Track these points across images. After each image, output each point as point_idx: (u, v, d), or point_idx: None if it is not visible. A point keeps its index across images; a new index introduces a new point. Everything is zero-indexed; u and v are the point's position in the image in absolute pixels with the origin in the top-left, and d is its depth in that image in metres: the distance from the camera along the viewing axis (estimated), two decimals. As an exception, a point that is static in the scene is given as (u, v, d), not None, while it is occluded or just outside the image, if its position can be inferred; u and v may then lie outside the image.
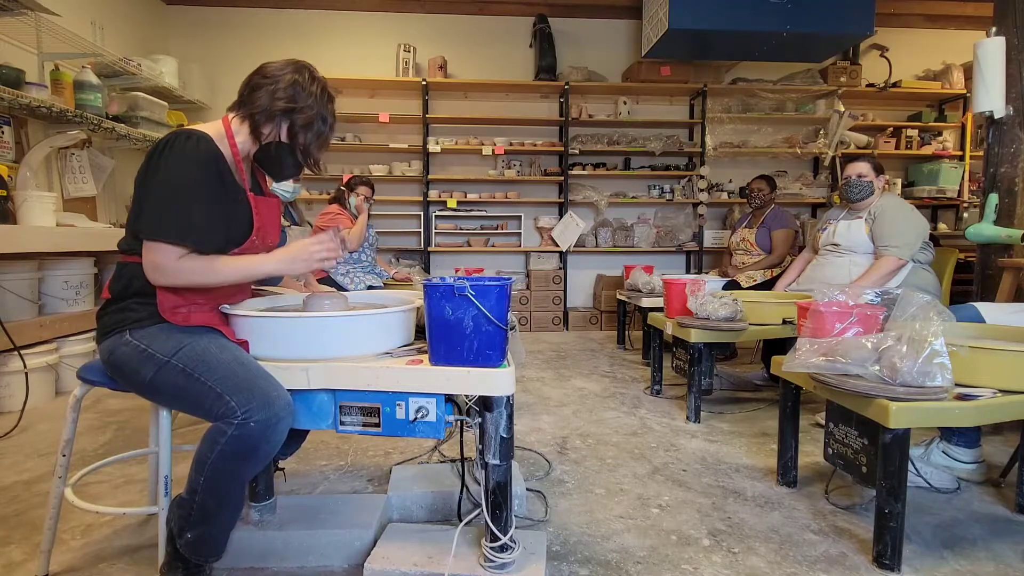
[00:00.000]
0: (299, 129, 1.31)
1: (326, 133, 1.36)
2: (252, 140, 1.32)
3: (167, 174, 1.18)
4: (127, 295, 1.25)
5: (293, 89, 1.29)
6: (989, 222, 2.54)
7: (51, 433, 2.36)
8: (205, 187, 1.22)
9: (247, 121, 1.30)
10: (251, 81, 1.31)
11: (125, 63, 3.66)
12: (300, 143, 1.33)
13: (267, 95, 1.28)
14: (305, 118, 1.31)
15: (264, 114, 1.28)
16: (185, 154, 1.20)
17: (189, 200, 1.19)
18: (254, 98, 1.29)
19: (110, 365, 1.24)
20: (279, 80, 1.29)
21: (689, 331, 2.38)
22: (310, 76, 1.33)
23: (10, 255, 2.64)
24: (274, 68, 1.31)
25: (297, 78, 1.30)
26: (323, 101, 1.34)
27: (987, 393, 1.37)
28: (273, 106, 1.28)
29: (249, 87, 1.31)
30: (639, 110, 5.20)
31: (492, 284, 1.16)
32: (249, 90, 1.30)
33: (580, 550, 1.46)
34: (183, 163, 1.19)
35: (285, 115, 1.29)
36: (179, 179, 1.18)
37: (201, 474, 1.14)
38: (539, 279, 4.92)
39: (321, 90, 1.34)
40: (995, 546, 1.49)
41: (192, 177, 1.20)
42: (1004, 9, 2.64)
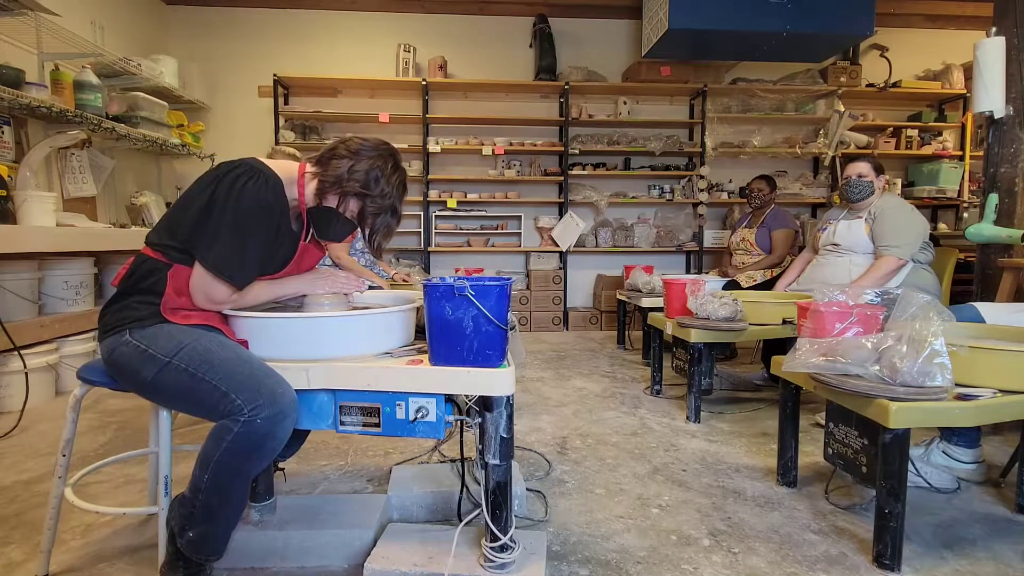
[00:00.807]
0: (368, 215, 1.34)
1: (393, 225, 1.39)
2: (315, 198, 1.34)
3: (237, 213, 1.21)
4: (133, 291, 1.25)
5: (372, 175, 1.31)
6: (989, 222, 2.54)
7: (51, 433, 2.36)
8: (266, 235, 1.27)
9: (317, 181, 1.33)
10: (335, 148, 1.33)
11: (125, 63, 3.66)
12: (367, 227, 1.37)
13: (343, 168, 1.30)
14: (377, 207, 1.33)
15: (333, 186, 1.31)
16: (258, 197, 1.23)
17: (252, 247, 1.24)
18: (331, 165, 1.31)
19: (110, 364, 1.24)
20: (360, 159, 1.31)
21: (689, 331, 2.38)
22: (393, 166, 1.35)
23: (10, 255, 2.64)
24: (358, 145, 1.33)
25: (380, 164, 1.32)
26: (399, 193, 1.36)
27: (987, 393, 1.37)
28: (344, 185, 1.30)
29: (331, 152, 1.33)
30: (639, 110, 5.20)
31: (492, 284, 1.16)
32: (330, 155, 1.33)
33: (580, 550, 1.46)
34: (254, 207, 1.23)
35: (357, 197, 1.32)
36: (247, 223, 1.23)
37: (205, 472, 1.14)
38: (539, 279, 4.93)
39: (399, 183, 1.36)
40: (995, 546, 1.49)
41: (263, 226, 1.26)
42: (1004, 9, 2.64)
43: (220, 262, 1.22)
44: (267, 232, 1.28)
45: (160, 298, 1.23)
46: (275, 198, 1.27)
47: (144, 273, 1.25)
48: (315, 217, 1.38)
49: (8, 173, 2.82)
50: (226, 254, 1.22)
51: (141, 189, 4.16)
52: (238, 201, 1.21)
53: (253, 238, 1.24)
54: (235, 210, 1.21)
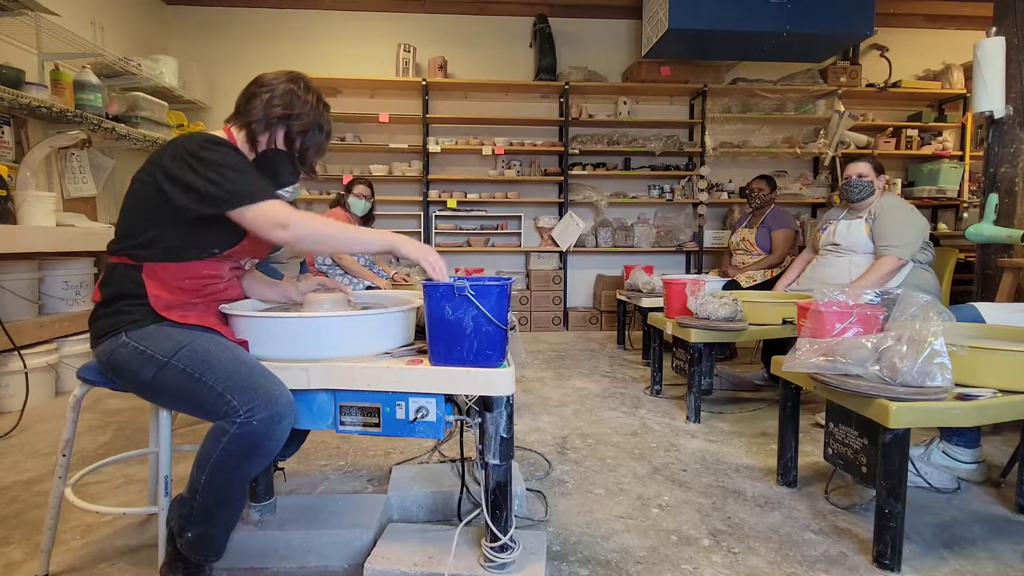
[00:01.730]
0: (296, 136, 1.35)
1: (322, 140, 1.39)
2: (249, 148, 1.34)
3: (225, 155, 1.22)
4: (117, 297, 1.24)
5: (289, 97, 1.32)
6: (989, 222, 2.54)
7: (51, 433, 2.36)
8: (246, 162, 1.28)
9: (244, 130, 1.33)
10: (247, 91, 1.35)
11: (125, 63, 3.66)
12: (297, 149, 1.36)
13: (263, 103, 1.31)
14: (301, 125, 1.34)
15: (261, 122, 1.32)
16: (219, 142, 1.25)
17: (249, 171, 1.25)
18: (250, 107, 1.32)
19: (109, 367, 1.23)
20: (275, 89, 1.32)
21: (689, 331, 2.38)
22: (305, 86, 1.36)
23: (10, 255, 2.64)
24: (269, 78, 1.35)
25: (292, 87, 1.34)
26: (319, 109, 1.37)
27: (987, 393, 1.37)
28: (269, 114, 1.31)
29: (245, 97, 1.34)
30: (639, 110, 5.20)
31: (492, 284, 1.16)
32: (245, 100, 1.34)
33: (580, 550, 1.46)
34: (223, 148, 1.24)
35: (281, 122, 1.32)
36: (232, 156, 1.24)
37: (203, 473, 1.14)
38: (539, 279, 4.93)
39: (316, 99, 1.37)
40: (995, 546, 1.49)
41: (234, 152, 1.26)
42: (1004, 9, 2.64)
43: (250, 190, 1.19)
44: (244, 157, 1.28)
45: (146, 299, 1.21)
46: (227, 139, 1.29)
47: (120, 279, 1.24)
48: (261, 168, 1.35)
49: (8, 173, 2.82)
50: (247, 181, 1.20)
51: (141, 189, 4.15)
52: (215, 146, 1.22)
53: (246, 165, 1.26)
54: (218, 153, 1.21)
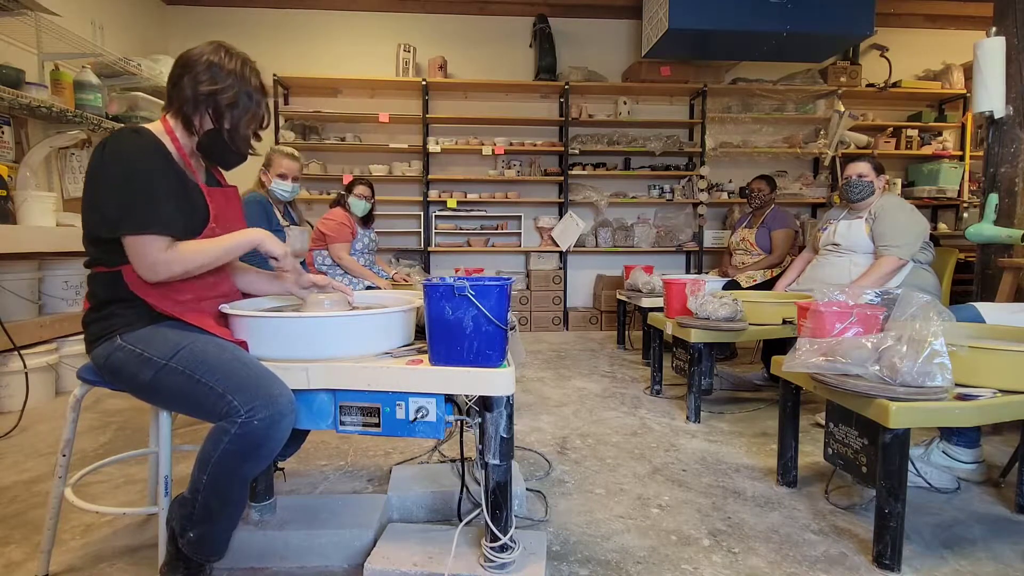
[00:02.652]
0: (224, 110, 1.27)
1: (253, 108, 1.31)
2: (188, 134, 1.30)
3: (127, 168, 1.17)
4: (108, 302, 1.23)
5: (211, 71, 1.25)
6: (989, 222, 2.54)
7: (51, 433, 2.36)
8: (163, 173, 1.21)
9: (179, 117, 1.28)
10: (172, 74, 1.28)
11: (125, 63, 3.66)
12: (227, 124, 1.29)
13: (189, 83, 1.25)
14: (228, 97, 1.26)
15: (190, 104, 1.26)
16: (136, 146, 1.19)
17: (154, 189, 1.18)
18: (178, 90, 1.26)
19: (106, 370, 1.23)
20: (196, 64, 1.26)
21: (689, 331, 2.38)
22: (226, 53, 1.28)
23: (10, 255, 2.64)
24: (192, 54, 1.27)
25: (212, 59, 1.26)
26: (244, 75, 1.29)
27: (987, 393, 1.37)
28: (197, 95, 1.25)
29: (172, 81, 1.28)
30: (639, 110, 5.20)
31: (492, 284, 1.16)
32: (172, 84, 1.28)
33: (580, 550, 1.46)
34: (136, 155, 1.18)
35: (208, 99, 1.26)
36: (141, 171, 1.17)
37: (204, 473, 1.14)
38: (539, 279, 4.93)
39: (241, 64, 1.29)
40: (995, 546, 1.49)
41: (151, 168, 1.19)
42: (1004, 9, 2.64)
43: (131, 219, 1.15)
44: (161, 172, 1.20)
45: (136, 301, 1.20)
46: (152, 139, 1.22)
47: (103, 286, 1.23)
48: (206, 152, 1.32)
49: (8, 173, 2.82)
50: (131, 208, 1.15)
51: (141, 189, 4.15)
52: (121, 160, 1.17)
53: (151, 181, 1.18)
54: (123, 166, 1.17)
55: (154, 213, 1.17)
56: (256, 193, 2.68)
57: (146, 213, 1.16)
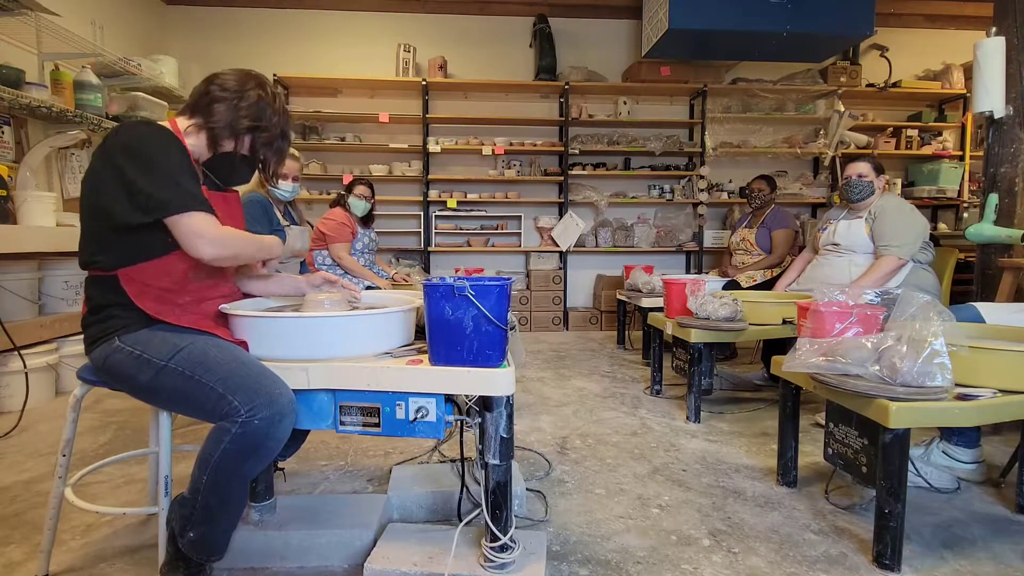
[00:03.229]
0: (261, 146, 1.33)
1: (285, 149, 1.40)
2: (209, 149, 1.31)
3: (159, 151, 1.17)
4: (106, 305, 1.23)
5: (258, 107, 1.30)
6: (989, 222, 2.54)
7: (51, 433, 2.36)
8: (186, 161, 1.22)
9: (204, 132, 1.29)
10: (208, 92, 1.29)
11: (125, 63, 3.66)
12: (261, 158, 1.35)
13: (230, 111, 1.28)
14: (269, 136, 1.33)
15: (227, 130, 1.29)
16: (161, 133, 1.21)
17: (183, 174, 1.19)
18: (213, 111, 1.28)
19: (105, 372, 1.23)
20: (243, 97, 1.28)
21: (689, 331, 2.38)
22: (272, 93, 1.34)
23: (10, 255, 2.64)
24: (234, 82, 1.30)
25: (261, 94, 1.31)
26: (285, 118, 1.36)
27: (987, 393, 1.37)
28: (238, 124, 1.28)
29: (208, 98, 1.29)
30: (639, 110, 5.20)
31: (492, 284, 1.16)
32: (208, 101, 1.29)
33: (580, 550, 1.46)
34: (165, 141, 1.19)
35: (248, 132, 1.31)
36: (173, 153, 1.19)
37: (204, 473, 1.14)
38: (539, 279, 4.93)
39: (283, 108, 1.36)
40: (995, 546, 1.49)
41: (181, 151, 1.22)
42: (1004, 9, 2.64)
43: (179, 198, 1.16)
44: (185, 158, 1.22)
45: (133, 305, 1.20)
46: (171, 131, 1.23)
47: (101, 290, 1.23)
48: (215, 167, 1.33)
49: (8, 173, 2.82)
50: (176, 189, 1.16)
51: (141, 189, 4.15)
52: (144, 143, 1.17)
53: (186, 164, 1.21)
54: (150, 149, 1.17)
55: (197, 194, 1.20)
56: (256, 193, 2.68)
57: (196, 192, 1.19)
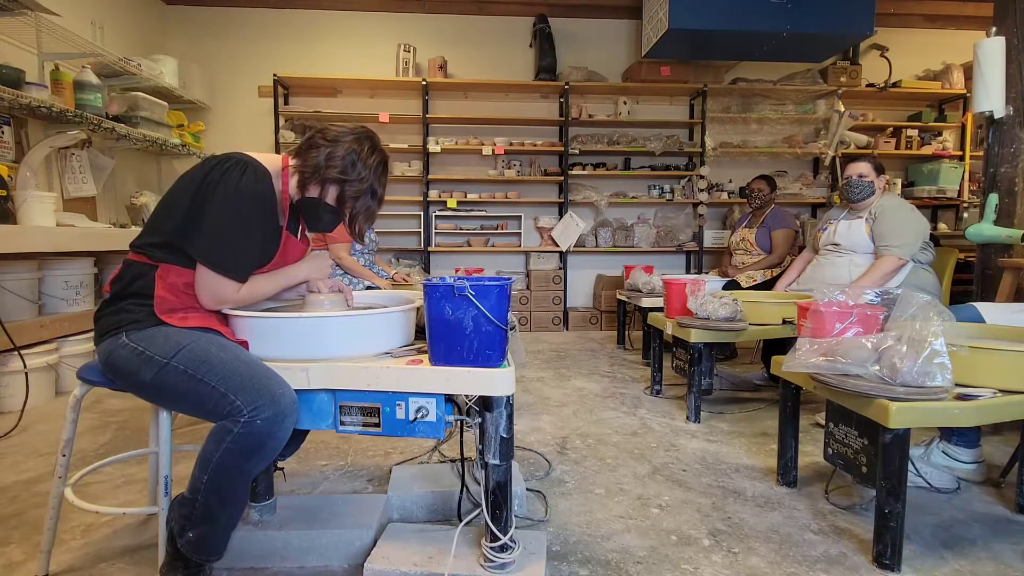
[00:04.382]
0: (348, 199, 1.34)
1: (374, 208, 1.38)
2: (297, 192, 1.35)
3: (232, 205, 1.21)
4: (126, 295, 1.25)
5: (348, 159, 1.31)
6: (989, 222, 2.54)
7: (51, 433, 2.36)
8: (259, 229, 1.27)
9: (297, 174, 1.33)
10: (312, 138, 1.34)
11: (125, 63, 3.66)
12: (347, 211, 1.36)
13: (322, 157, 1.30)
14: (356, 191, 1.33)
15: (314, 175, 1.31)
16: (251, 188, 1.23)
17: (247, 238, 1.24)
18: (310, 156, 1.32)
19: (108, 367, 1.23)
20: (337, 146, 1.31)
21: (689, 331, 2.38)
22: (370, 148, 1.35)
23: (10, 255, 2.64)
24: (337, 132, 1.33)
25: (356, 148, 1.32)
26: (377, 175, 1.36)
27: (987, 393, 1.37)
28: (325, 173, 1.31)
29: (308, 143, 1.34)
30: (639, 110, 5.20)
31: (492, 284, 1.16)
32: (308, 146, 1.33)
33: (580, 550, 1.46)
34: (248, 198, 1.23)
35: (335, 183, 1.32)
36: (243, 215, 1.23)
37: (205, 472, 1.14)
38: (539, 279, 4.93)
39: (378, 163, 1.36)
40: (995, 546, 1.49)
41: (255, 217, 1.25)
42: (1004, 9, 2.64)
43: (223, 259, 1.21)
44: (263, 224, 1.28)
45: (152, 299, 1.22)
46: (266, 188, 1.27)
47: (132, 277, 1.25)
48: (303, 209, 1.38)
49: (8, 173, 2.82)
50: (227, 250, 1.21)
51: (141, 189, 4.15)
52: (233, 194, 1.21)
53: (251, 231, 1.25)
54: (230, 204, 1.21)
55: (242, 260, 1.24)
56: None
57: (236, 258, 1.23)
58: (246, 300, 1.29)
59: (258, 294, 1.31)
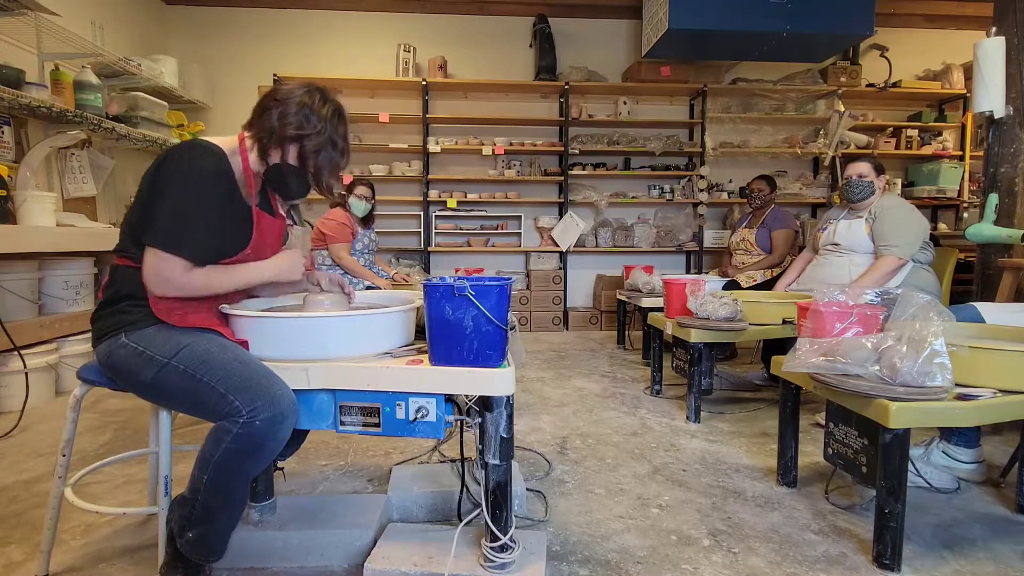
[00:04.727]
0: (309, 154, 1.30)
1: (337, 159, 1.34)
2: (260, 161, 1.32)
3: (182, 187, 1.18)
4: (119, 298, 1.24)
5: (302, 113, 1.27)
6: (989, 222, 2.54)
7: (51, 433, 2.36)
8: (215, 205, 1.23)
9: (255, 142, 1.30)
10: (263, 101, 1.31)
11: (125, 63, 3.66)
12: (311, 168, 1.31)
13: (275, 118, 1.27)
14: (315, 144, 1.29)
15: (272, 138, 1.28)
16: (202, 169, 1.21)
17: (199, 218, 1.20)
18: (263, 120, 1.28)
19: (108, 368, 1.24)
20: (288, 103, 1.27)
21: (689, 331, 2.38)
22: (321, 98, 1.31)
23: (10, 255, 2.64)
24: (285, 90, 1.30)
25: (307, 100, 1.28)
26: (334, 125, 1.31)
27: (987, 393, 1.37)
28: (281, 132, 1.27)
29: (260, 108, 1.30)
30: (639, 110, 5.20)
31: (492, 284, 1.16)
32: (260, 111, 1.30)
33: (580, 550, 1.46)
34: (198, 178, 1.20)
35: (293, 141, 1.28)
36: (193, 194, 1.19)
37: (205, 473, 1.14)
38: (539, 279, 4.93)
39: (332, 113, 1.32)
40: (995, 546, 1.49)
41: (205, 194, 1.21)
42: (1004, 9, 2.64)
43: (165, 236, 1.17)
44: (220, 201, 1.23)
45: (147, 300, 1.21)
46: (217, 163, 1.23)
47: (121, 281, 1.24)
48: (270, 181, 1.34)
49: (8, 173, 2.82)
50: (170, 226, 1.17)
51: (141, 189, 4.15)
52: (182, 177, 1.18)
53: (202, 208, 1.20)
54: (179, 184, 1.18)
55: (188, 238, 1.19)
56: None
57: (181, 235, 1.18)
58: (197, 287, 1.21)
59: (214, 284, 1.24)
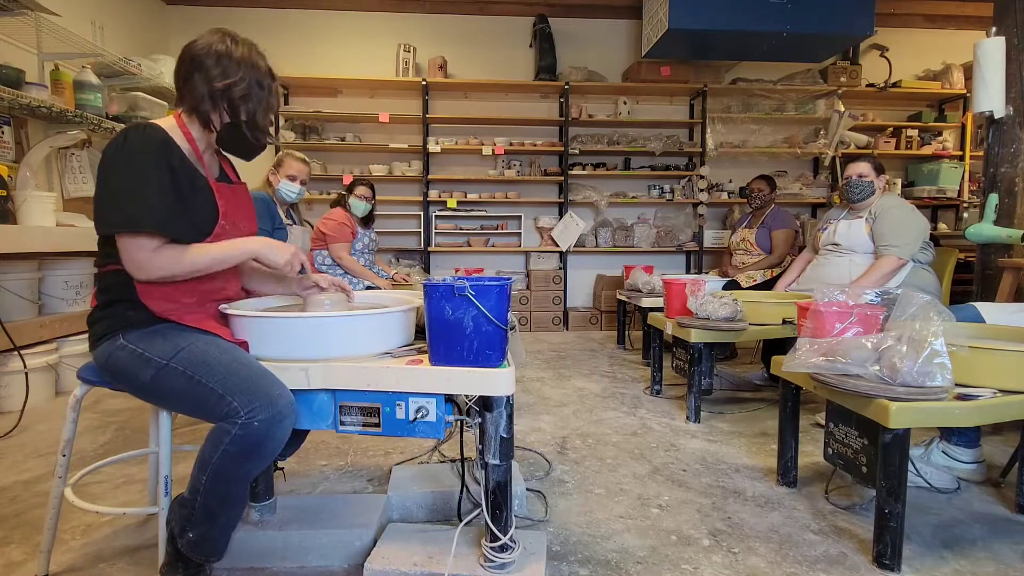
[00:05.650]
0: (239, 103, 1.25)
1: (266, 97, 1.29)
2: (204, 131, 1.28)
3: (125, 165, 1.16)
4: (114, 301, 1.24)
5: (221, 64, 1.22)
6: (989, 222, 2.54)
7: (51, 433, 2.36)
8: (159, 173, 1.18)
9: (195, 115, 1.27)
10: (180, 70, 1.25)
11: (125, 63, 3.66)
12: (244, 118, 1.27)
13: (201, 81, 1.23)
14: (242, 90, 1.24)
15: (206, 100, 1.24)
16: (138, 144, 1.18)
17: (146, 187, 1.16)
18: (191, 87, 1.24)
19: (107, 370, 1.23)
20: (206, 60, 1.22)
21: (689, 331, 2.38)
22: (232, 41, 1.25)
23: (10, 255, 2.64)
24: (197, 49, 1.23)
25: (220, 49, 1.23)
26: (252, 63, 1.26)
27: (987, 393, 1.37)
28: (211, 89, 1.23)
29: (182, 77, 1.25)
30: (639, 110, 5.20)
31: (492, 284, 1.16)
32: (183, 81, 1.25)
33: (580, 550, 1.46)
34: (140, 151, 1.17)
35: (224, 94, 1.23)
36: (139, 168, 1.16)
37: (204, 473, 1.14)
38: (539, 279, 4.93)
39: (249, 50, 1.26)
40: (995, 546, 1.49)
41: (146, 164, 1.17)
42: (1004, 9, 2.65)
43: (121, 217, 1.14)
44: (162, 168, 1.18)
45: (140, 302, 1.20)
46: (155, 136, 1.19)
47: (109, 285, 1.23)
48: (225, 145, 1.31)
49: (8, 173, 2.82)
50: (122, 204, 1.14)
51: (141, 189, 4.15)
52: (121, 160, 1.16)
53: (150, 177, 1.16)
54: (118, 162, 1.16)
55: (143, 209, 1.15)
56: (261, 192, 2.70)
57: (137, 212, 1.14)
58: (174, 266, 1.18)
59: (195, 258, 1.20)
